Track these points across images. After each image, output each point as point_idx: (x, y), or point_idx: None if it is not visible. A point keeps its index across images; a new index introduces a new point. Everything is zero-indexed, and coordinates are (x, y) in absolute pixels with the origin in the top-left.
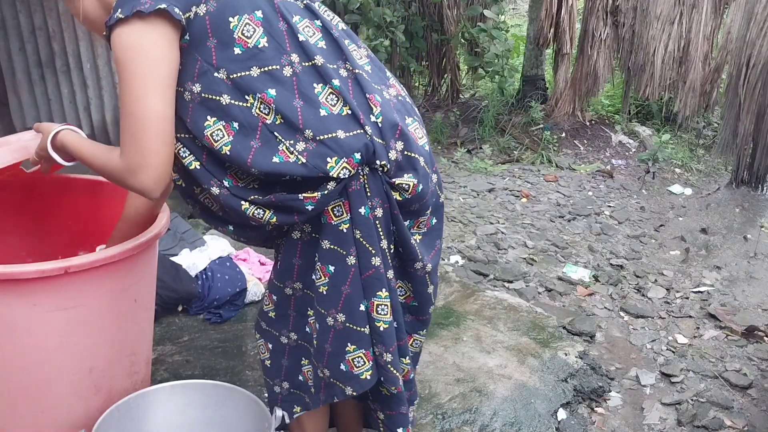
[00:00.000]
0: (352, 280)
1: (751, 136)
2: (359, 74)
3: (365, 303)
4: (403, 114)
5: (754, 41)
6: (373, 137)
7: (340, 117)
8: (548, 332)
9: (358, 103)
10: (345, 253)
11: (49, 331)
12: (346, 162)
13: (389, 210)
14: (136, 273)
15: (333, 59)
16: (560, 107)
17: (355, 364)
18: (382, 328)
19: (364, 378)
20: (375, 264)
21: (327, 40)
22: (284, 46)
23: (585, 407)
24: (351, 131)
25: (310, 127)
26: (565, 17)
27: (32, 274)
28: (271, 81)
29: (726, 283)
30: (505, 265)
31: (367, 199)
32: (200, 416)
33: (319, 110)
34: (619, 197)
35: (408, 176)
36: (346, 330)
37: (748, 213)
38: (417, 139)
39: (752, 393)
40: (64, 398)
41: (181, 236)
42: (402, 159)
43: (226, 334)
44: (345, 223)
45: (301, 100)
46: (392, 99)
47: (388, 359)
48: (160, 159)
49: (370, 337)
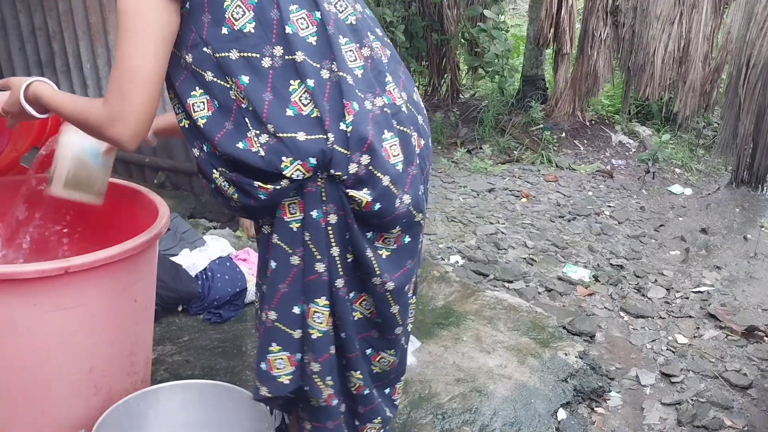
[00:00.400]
0: (292, 280)
1: (751, 136)
2: (343, 78)
3: (301, 306)
4: (382, 127)
5: (754, 41)
6: (335, 145)
7: (308, 119)
8: (548, 332)
9: (331, 108)
10: (290, 252)
11: (49, 331)
12: (300, 164)
13: (344, 218)
14: (136, 273)
15: (319, 58)
16: (560, 107)
17: (276, 365)
18: (314, 336)
19: (282, 381)
20: (318, 270)
21: (319, 36)
22: (270, 36)
23: (585, 407)
24: (312, 135)
25: (272, 122)
26: (565, 17)
27: (32, 274)
28: (247, 67)
29: (726, 283)
30: (505, 265)
31: (321, 203)
32: (200, 416)
33: (287, 109)
34: (619, 197)
35: (364, 192)
36: (274, 329)
37: (748, 213)
38: (389, 157)
39: (752, 393)
40: (64, 398)
41: (181, 236)
42: (364, 173)
43: (226, 334)
44: (296, 222)
45: (272, 94)
46: (375, 110)
47: (315, 369)
48: (142, 112)
49: (300, 343)
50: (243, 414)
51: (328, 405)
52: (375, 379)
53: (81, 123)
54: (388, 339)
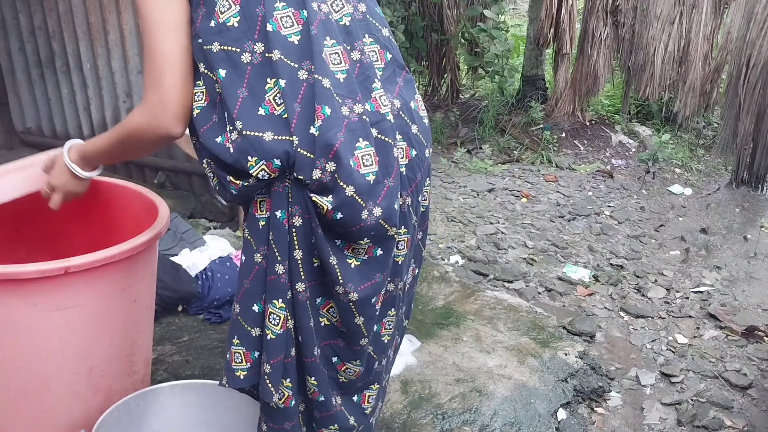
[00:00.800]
0: (254, 277)
1: (751, 136)
2: (319, 81)
3: (260, 305)
4: (357, 135)
5: (754, 41)
6: (299, 148)
7: (279, 119)
8: (548, 332)
9: (303, 110)
10: (255, 248)
11: (48, 331)
12: (265, 165)
13: (309, 222)
14: (136, 273)
15: (299, 58)
16: (560, 107)
17: (235, 358)
18: (269, 337)
19: (238, 375)
20: (278, 271)
21: (303, 36)
22: (253, 32)
23: (585, 407)
24: (278, 135)
25: (241, 119)
26: (565, 17)
27: (32, 274)
28: (225, 61)
29: (726, 283)
30: (505, 265)
31: (287, 204)
32: (200, 416)
33: (260, 108)
34: (619, 197)
35: (326, 199)
36: (237, 322)
37: (748, 213)
38: (360, 166)
39: (752, 393)
40: (63, 398)
41: (181, 236)
42: (328, 181)
43: (226, 334)
44: (263, 221)
45: (247, 90)
46: (353, 116)
47: (267, 370)
48: (179, 94)
49: (258, 341)
50: (243, 414)
51: (285, 406)
52: (341, 387)
53: (131, 139)
54: (353, 349)
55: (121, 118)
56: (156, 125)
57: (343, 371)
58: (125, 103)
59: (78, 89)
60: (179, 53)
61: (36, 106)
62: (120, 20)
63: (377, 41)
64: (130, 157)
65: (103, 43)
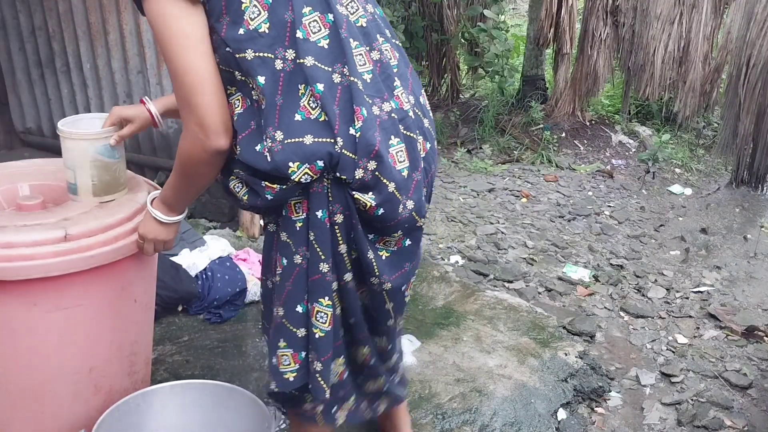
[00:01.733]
0: (296, 278)
1: (751, 136)
2: (353, 83)
3: (304, 306)
4: (389, 133)
5: (754, 41)
6: (343, 149)
7: (316, 122)
8: (548, 332)
9: (342, 112)
10: (294, 250)
11: (48, 331)
12: (308, 168)
13: (350, 218)
14: (136, 273)
15: (331, 61)
16: (560, 107)
17: (282, 361)
18: (317, 335)
19: (287, 378)
20: (322, 270)
21: (332, 39)
22: (283, 39)
23: (585, 407)
24: (319, 138)
25: (281, 128)
26: (565, 17)
27: (32, 273)
28: (262, 68)
29: (726, 283)
30: (505, 265)
31: (328, 203)
32: (200, 416)
33: (295, 114)
34: (619, 197)
35: (369, 196)
36: (282, 326)
37: (748, 213)
38: (395, 163)
39: (752, 393)
40: (64, 398)
41: (181, 236)
42: (370, 179)
43: (226, 334)
44: (300, 222)
45: (283, 97)
46: (383, 115)
47: (318, 368)
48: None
49: (305, 341)
50: (243, 414)
51: (340, 380)
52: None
53: (188, 167)
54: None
55: None
56: (202, 147)
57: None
58: (125, 103)
59: (78, 89)
60: (206, 68)
61: (36, 106)
62: (120, 20)
63: (387, 40)
64: (199, 184)
65: (103, 43)
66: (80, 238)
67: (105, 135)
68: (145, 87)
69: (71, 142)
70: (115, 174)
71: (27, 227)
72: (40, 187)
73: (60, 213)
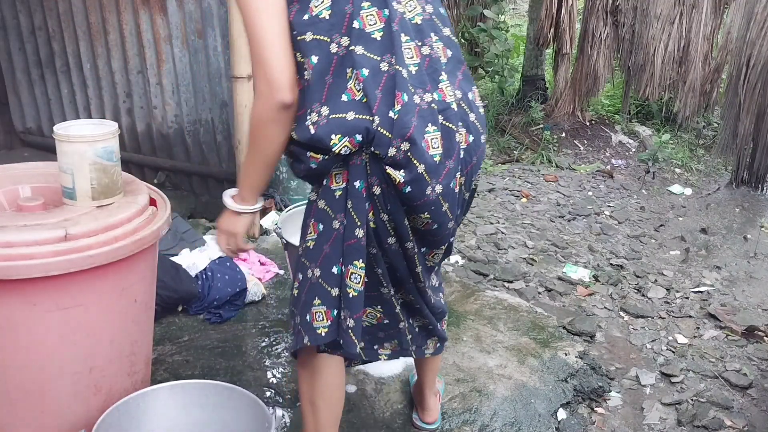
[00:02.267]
0: (333, 242)
1: (751, 136)
2: (399, 72)
3: (339, 267)
4: (427, 121)
5: (754, 41)
6: (379, 127)
7: (359, 103)
8: (548, 332)
9: (384, 96)
10: (333, 216)
11: (48, 331)
12: (348, 141)
13: (387, 190)
14: (136, 273)
15: (381, 51)
16: (560, 107)
17: (317, 317)
18: (351, 294)
19: (320, 333)
20: (358, 235)
21: (385, 32)
22: (341, 27)
23: (585, 407)
24: (359, 115)
25: (328, 104)
26: (565, 17)
27: (32, 273)
28: (318, 49)
29: (726, 283)
30: (505, 265)
31: (366, 175)
32: (200, 416)
33: (342, 95)
34: (619, 197)
35: (399, 173)
36: (318, 285)
37: (748, 213)
38: (429, 148)
39: (752, 393)
40: (64, 398)
41: (181, 236)
42: (402, 158)
43: (226, 334)
44: (339, 191)
45: (333, 78)
46: (423, 104)
47: (350, 324)
48: (281, 65)
49: (338, 300)
50: (243, 414)
51: (379, 322)
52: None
53: (260, 128)
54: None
55: (121, 117)
56: (270, 101)
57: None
58: (125, 103)
59: (78, 89)
60: (279, 29)
61: (36, 106)
62: (120, 20)
63: (441, 39)
64: (268, 151)
65: (103, 43)
66: (80, 237)
67: (104, 137)
68: (145, 87)
69: (70, 146)
70: (113, 177)
71: (27, 227)
72: (41, 189)
73: (60, 214)
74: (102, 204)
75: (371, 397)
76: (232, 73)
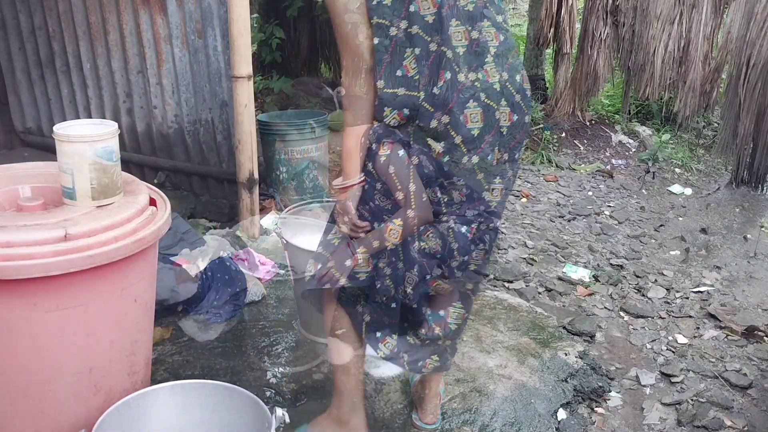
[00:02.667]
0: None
1: (751, 136)
2: (445, 52)
3: (379, 223)
4: (468, 98)
5: (754, 41)
6: (423, 102)
7: (411, 79)
8: (548, 332)
9: (430, 73)
10: (377, 178)
11: (48, 331)
12: (396, 113)
13: (426, 161)
14: (136, 273)
15: (431, 33)
16: (560, 107)
17: (359, 262)
18: (389, 247)
19: (359, 277)
20: (398, 197)
21: (436, 16)
22: (400, 12)
23: (585, 407)
24: (409, 91)
25: (383, 79)
26: (565, 17)
27: (32, 273)
28: (379, 30)
29: (726, 283)
30: (505, 265)
31: (409, 146)
32: (200, 416)
33: (397, 71)
34: (619, 197)
35: (439, 144)
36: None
37: (748, 213)
38: (468, 122)
39: (752, 393)
40: (64, 398)
41: (181, 236)
42: (442, 130)
43: (226, 334)
44: (384, 156)
45: (391, 57)
46: (467, 82)
47: (387, 272)
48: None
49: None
50: (243, 414)
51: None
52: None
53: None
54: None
55: (121, 117)
56: (356, 69)
57: (434, 287)
58: (125, 103)
59: (78, 89)
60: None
61: (36, 106)
62: (120, 20)
63: (493, 24)
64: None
65: (103, 43)
66: (80, 237)
67: (104, 137)
68: (145, 87)
69: (70, 146)
70: (113, 177)
71: (27, 227)
72: (41, 189)
73: (60, 214)
74: (102, 204)
75: (371, 397)
76: (232, 73)
